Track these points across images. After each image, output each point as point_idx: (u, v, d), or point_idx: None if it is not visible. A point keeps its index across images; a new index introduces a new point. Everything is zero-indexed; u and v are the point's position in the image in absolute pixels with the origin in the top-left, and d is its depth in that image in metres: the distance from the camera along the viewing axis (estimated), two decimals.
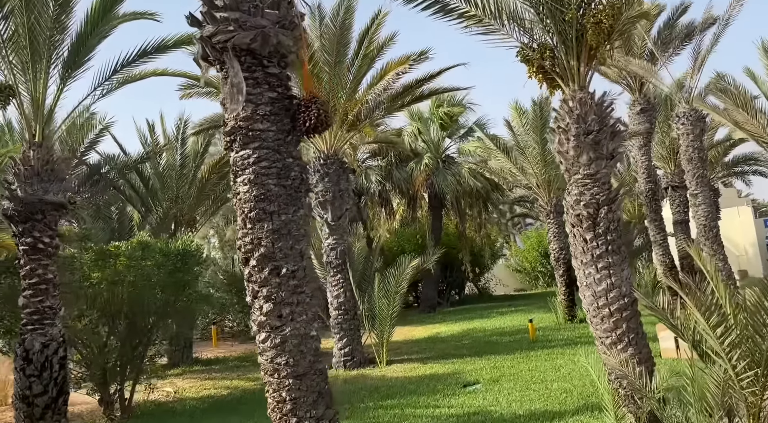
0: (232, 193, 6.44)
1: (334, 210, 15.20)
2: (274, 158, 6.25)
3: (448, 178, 25.40)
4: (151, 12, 11.36)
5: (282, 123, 6.36)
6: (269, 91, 6.30)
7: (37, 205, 9.35)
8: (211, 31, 6.16)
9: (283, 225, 6.20)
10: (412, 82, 15.90)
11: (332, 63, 15.09)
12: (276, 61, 6.37)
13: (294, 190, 6.33)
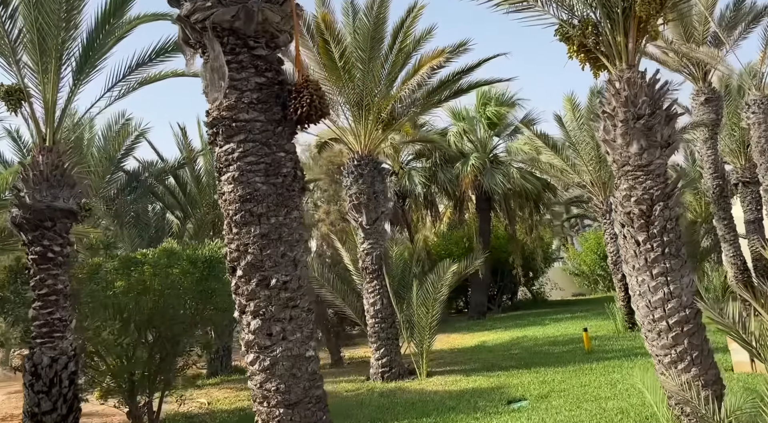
0: (217, 194, 5.65)
1: (368, 213, 14.31)
2: (261, 152, 5.41)
3: (496, 178, 24.11)
4: (171, 14, 10.83)
5: (271, 112, 5.51)
6: (256, 76, 5.46)
7: (46, 212, 8.87)
8: (189, 9, 5.39)
9: (272, 229, 5.34)
10: (450, 76, 14.83)
11: (365, 59, 14.23)
12: (264, 41, 5.53)
13: (286, 188, 5.46)
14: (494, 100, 24.99)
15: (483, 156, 24.79)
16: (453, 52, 14.88)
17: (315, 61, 14.18)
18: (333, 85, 14.27)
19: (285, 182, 5.44)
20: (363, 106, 14.40)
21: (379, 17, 14.36)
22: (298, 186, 5.55)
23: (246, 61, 5.40)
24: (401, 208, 24.72)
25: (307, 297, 5.43)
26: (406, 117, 15.34)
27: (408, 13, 14.14)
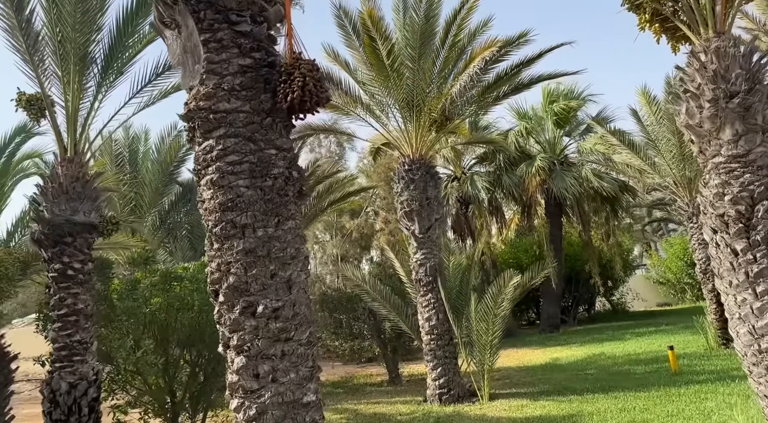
0: (197, 201, 4.64)
1: (421, 221, 13.09)
2: (246, 149, 4.36)
3: (567, 180, 22.23)
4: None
5: (258, 100, 4.46)
6: (239, 57, 4.44)
7: (65, 226, 8.24)
8: None
9: (259, 243, 4.27)
10: (507, 70, 13.40)
11: (415, 57, 13.06)
12: (249, 14, 4.50)
13: (277, 193, 4.38)
14: (562, 96, 23.16)
15: (551, 157, 23.00)
16: (512, 45, 13.45)
17: (362, 61, 13.19)
18: (381, 85, 13.21)
19: (276, 185, 4.37)
20: (414, 107, 13.23)
21: (430, 11, 13.18)
22: (293, 190, 4.47)
23: (227, 40, 4.39)
24: (464, 215, 23.28)
25: (306, 327, 4.32)
26: (461, 117, 14.03)
27: (462, 4, 12.86)
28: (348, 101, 13.34)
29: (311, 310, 4.33)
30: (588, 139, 23.77)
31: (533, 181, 22.26)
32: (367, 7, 12.27)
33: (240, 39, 4.42)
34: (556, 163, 22.96)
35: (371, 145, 16.85)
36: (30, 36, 8.19)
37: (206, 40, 4.36)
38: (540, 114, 23.83)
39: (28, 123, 10.60)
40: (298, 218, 4.53)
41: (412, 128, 13.32)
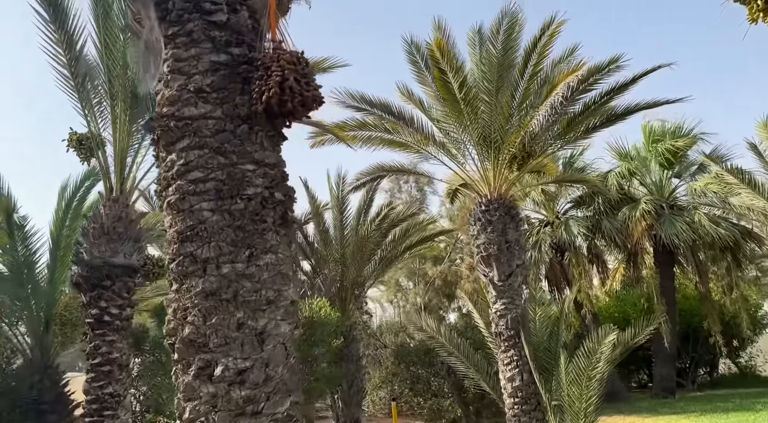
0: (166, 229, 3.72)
1: (500, 267, 11.58)
2: (213, 164, 3.41)
3: (677, 226, 19.64)
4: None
5: (232, 104, 3.53)
6: (212, 53, 3.55)
7: (104, 269, 7.73)
8: None
9: (224, 283, 3.25)
10: (596, 98, 11.85)
11: (492, 90, 11.91)
12: (226, 2, 3.65)
13: (250, 218, 3.37)
14: (668, 135, 20.88)
15: (658, 200, 20.57)
16: (601, 72, 11.94)
17: (434, 97, 12.22)
18: (455, 121, 12.11)
19: (249, 209, 3.37)
20: (491, 143, 11.99)
21: (509, 42, 12.06)
22: (273, 215, 3.44)
23: (198, 32, 3.54)
24: (560, 263, 21.19)
25: (283, 397, 3.19)
26: (545, 153, 12.56)
27: (542, 32, 11.63)
28: (419, 139, 12.35)
29: (293, 374, 3.21)
30: (700, 179, 21.16)
31: (638, 226, 19.89)
32: (435, 36, 11.37)
33: (214, 31, 3.56)
34: (665, 207, 20.47)
35: (448, 187, 15.68)
36: (79, 74, 7.97)
37: (174, 34, 3.55)
38: (643, 154, 21.58)
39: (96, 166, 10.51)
40: (281, 252, 3.49)
41: (489, 166, 12.04)
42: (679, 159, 21.41)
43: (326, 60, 9.53)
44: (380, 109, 12.02)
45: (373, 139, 12.36)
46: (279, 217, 3.47)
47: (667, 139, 21.17)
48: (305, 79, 3.40)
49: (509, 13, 11.94)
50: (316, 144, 12.14)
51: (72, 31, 7.67)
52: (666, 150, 20.73)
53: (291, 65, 3.37)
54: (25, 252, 10.53)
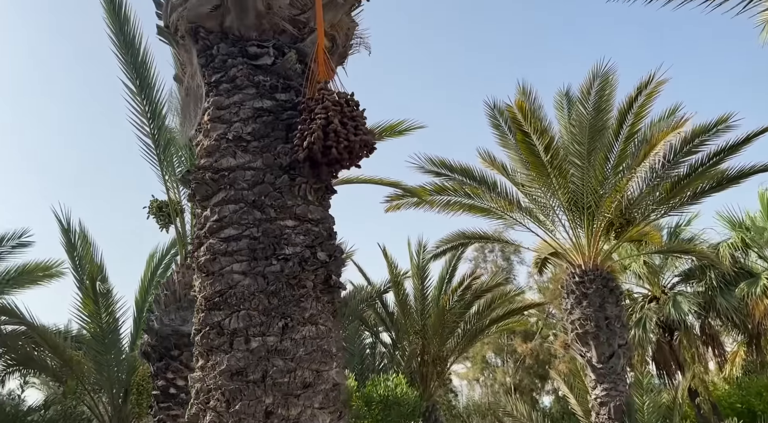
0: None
1: (599, 346, 10.36)
2: (248, 220, 2.97)
3: None
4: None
5: (273, 153, 3.12)
6: (256, 99, 3.20)
7: (172, 338, 7.46)
8: (167, 11, 3.51)
9: (252, 360, 2.72)
10: (703, 160, 10.71)
11: (584, 153, 11.13)
12: (272, 44, 3.32)
13: (286, 283, 2.87)
14: None
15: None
16: (708, 132, 10.91)
17: (517, 160, 11.59)
18: (542, 185, 11.37)
19: (286, 272, 2.87)
20: (584, 209, 11.08)
21: (601, 102, 11.36)
22: (314, 279, 2.92)
23: (241, 78, 3.21)
24: (668, 343, 19.02)
25: None
26: (646, 219, 11.42)
27: (638, 91, 10.85)
28: (503, 205, 11.63)
29: None
30: None
31: (760, 304, 17.58)
32: (518, 100, 10.87)
33: (258, 75, 3.23)
34: None
35: (536, 256, 14.64)
36: (161, 143, 8.11)
37: (217, 81, 3.25)
38: (760, 223, 19.44)
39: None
40: (323, 323, 2.93)
41: (582, 233, 11.08)
42: None
43: (402, 123, 9.26)
44: (461, 174, 11.52)
45: (453, 205, 11.80)
46: (321, 282, 2.95)
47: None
48: (353, 123, 2.95)
49: (600, 74, 11.30)
50: (391, 208, 11.73)
51: (156, 101, 7.87)
52: None
53: (336, 107, 2.94)
54: (109, 319, 10.62)
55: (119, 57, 7.41)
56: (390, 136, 9.75)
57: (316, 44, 3.20)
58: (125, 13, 7.14)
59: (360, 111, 3.06)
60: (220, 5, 3.22)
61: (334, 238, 3.19)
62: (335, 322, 3.06)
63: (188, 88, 3.39)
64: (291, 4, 3.29)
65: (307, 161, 3.02)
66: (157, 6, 3.59)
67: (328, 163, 3.03)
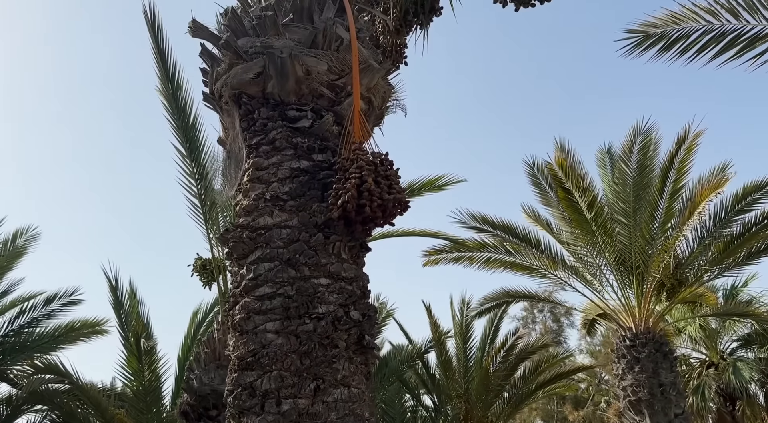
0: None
1: (654, 416, 9.75)
2: (283, 278, 2.98)
3: None
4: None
5: (309, 212, 3.15)
6: (293, 160, 3.27)
7: (211, 397, 7.41)
8: (212, 79, 3.67)
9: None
10: (757, 219, 10.27)
11: (629, 211, 10.90)
12: (310, 108, 3.42)
13: (320, 342, 2.83)
14: None
15: None
16: (761, 190, 10.57)
17: (559, 217, 11.41)
18: (588, 243, 11.12)
19: (318, 331, 2.83)
20: (633, 269, 10.73)
21: (645, 159, 11.22)
22: (346, 339, 2.87)
23: (280, 140, 3.30)
24: (730, 413, 17.77)
25: None
26: (700, 281, 10.94)
27: (677, 146, 10.68)
28: (547, 263, 11.37)
29: None
30: None
31: None
32: (557, 157, 10.81)
33: (297, 138, 3.31)
34: None
35: (584, 317, 14.13)
36: (207, 203, 8.34)
37: (257, 143, 3.34)
38: None
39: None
40: (356, 385, 2.85)
41: (632, 294, 10.68)
42: None
43: (441, 178, 9.29)
44: (503, 231, 11.36)
45: (493, 261, 11.60)
46: (354, 342, 2.89)
47: None
48: (387, 182, 2.97)
49: (642, 132, 11.21)
50: (429, 263, 11.60)
51: (204, 163, 8.15)
52: None
53: (371, 167, 2.98)
54: (151, 377, 10.66)
55: (171, 122, 7.77)
56: (430, 191, 9.77)
57: (352, 107, 3.28)
58: (178, 81, 7.54)
59: (394, 170, 3.09)
60: (262, 72, 3.36)
61: (368, 297, 3.16)
62: (368, 384, 2.98)
63: (230, 151, 3.50)
64: (329, 70, 3.41)
65: (341, 220, 3.04)
66: (204, 74, 3.77)
67: (362, 222, 3.04)
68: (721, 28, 4.64)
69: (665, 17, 5.02)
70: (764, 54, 4.55)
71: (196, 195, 8.38)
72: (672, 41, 4.98)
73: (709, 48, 4.79)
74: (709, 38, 4.74)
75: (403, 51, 4.71)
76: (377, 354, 3.05)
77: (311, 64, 3.35)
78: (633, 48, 5.28)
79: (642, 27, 5.17)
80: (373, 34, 4.40)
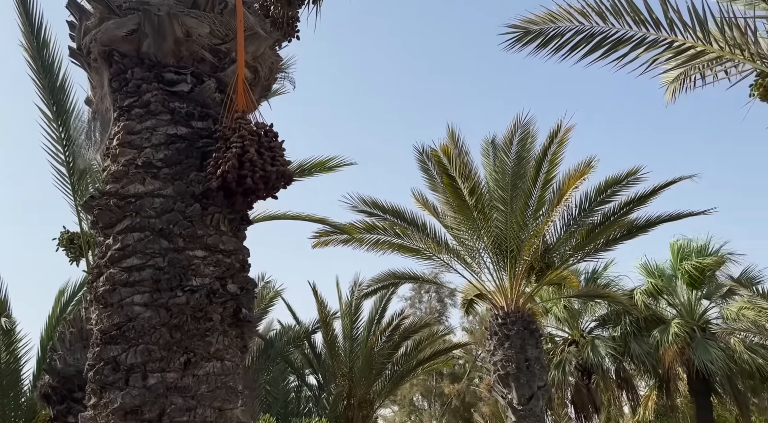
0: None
1: (519, 388, 10.48)
2: (153, 249, 2.83)
3: (712, 352, 18.07)
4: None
5: (186, 181, 3.02)
6: (170, 126, 3.10)
7: (76, 378, 6.93)
8: (80, 33, 3.38)
9: (149, 398, 2.54)
10: (615, 209, 11.30)
11: (507, 199, 11.53)
12: (189, 72, 3.26)
13: (192, 316, 2.73)
14: (694, 253, 19.96)
15: (689, 323, 19.23)
16: (620, 184, 11.55)
17: (444, 203, 11.83)
18: (468, 228, 11.63)
19: (191, 304, 2.73)
20: (507, 252, 11.38)
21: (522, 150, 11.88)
22: (222, 312, 2.80)
23: (156, 104, 3.11)
24: (586, 386, 19.52)
25: None
26: (564, 264, 11.85)
27: (551, 139, 11.42)
28: (432, 246, 11.77)
29: None
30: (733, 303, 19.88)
31: (669, 350, 18.41)
32: (442, 144, 11.19)
33: (174, 102, 3.14)
34: (696, 330, 19.08)
35: (463, 297, 14.83)
36: (76, 171, 7.73)
37: (129, 106, 3.13)
38: (670, 272, 20.55)
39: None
40: (230, 359, 2.79)
41: (505, 276, 11.34)
42: (707, 279, 20.32)
43: (332, 159, 9.26)
44: (392, 215, 11.62)
45: (382, 243, 11.85)
46: (230, 315, 2.82)
47: (694, 257, 20.26)
48: (270, 153, 2.90)
49: (522, 125, 11.84)
50: (319, 244, 11.61)
51: (73, 127, 7.54)
52: (693, 268, 19.74)
53: (254, 137, 2.89)
54: (9, 358, 9.80)
55: (36, 81, 7.08)
56: (320, 172, 9.71)
57: (236, 74, 3.16)
58: (45, 37, 6.87)
59: (279, 142, 3.02)
60: (137, 29, 3.13)
61: (247, 271, 3.08)
62: (243, 357, 2.93)
63: (97, 112, 3.24)
64: (212, 33, 3.24)
65: (221, 190, 2.93)
66: (71, 28, 3.44)
67: (244, 193, 2.95)
68: (591, 29, 4.99)
69: (544, 15, 5.32)
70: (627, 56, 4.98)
71: (63, 162, 7.76)
72: (548, 39, 5.28)
73: (580, 47, 5.15)
74: (581, 38, 5.09)
75: (295, 24, 4.60)
76: (254, 327, 2.99)
77: (192, 25, 3.17)
78: (514, 43, 5.54)
79: (522, 23, 5.43)
80: (264, 2, 4.26)
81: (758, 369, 18.41)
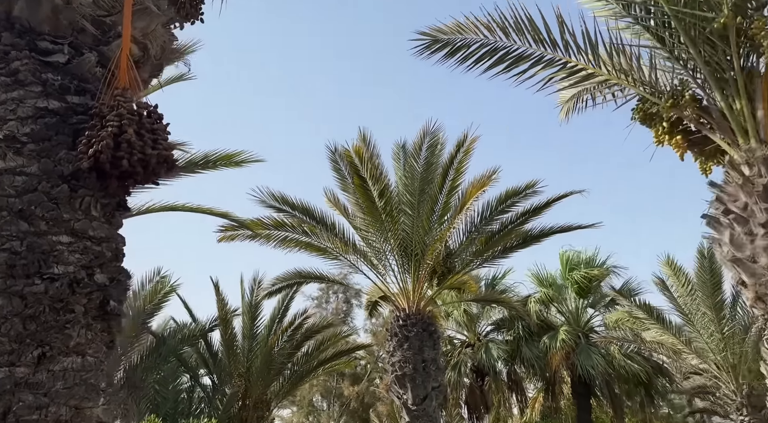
0: None
1: (415, 388, 10.59)
2: (9, 232, 2.55)
3: (593, 358, 19.25)
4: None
5: (54, 158, 2.76)
6: (40, 98, 2.82)
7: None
8: None
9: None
10: (512, 219, 11.75)
11: (414, 203, 11.65)
12: (67, 42, 2.99)
13: (51, 306, 2.48)
14: (583, 264, 21.17)
15: (575, 330, 20.36)
16: (518, 195, 11.99)
17: (354, 204, 11.80)
18: (376, 230, 11.65)
19: (51, 293, 2.49)
20: (411, 255, 11.50)
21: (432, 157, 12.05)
22: (86, 304, 2.57)
23: (25, 73, 2.83)
24: (480, 388, 20.17)
25: None
26: (465, 269, 12.15)
27: (457, 148, 11.68)
28: (339, 246, 11.68)
29: None
30: (614, 313, 21.28)
31: (557, 355, 19.41)
32: (355, 145, 11.17)
33: (47, 73, 2.86)
34: (581, 337, 20.23)
35: (368, 299, 14.87)
36: None
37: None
38: (560, 282, 21.68)
39: None
40: (92, 354, 2.56)
41: (409, 279, 11.46)
42: (594, 289, 21.59)
43: (240, 154, 8.94)
44: (301, 212, 11.41)
45: (290, 241, 11.61)
46: (96, 307, 2.59)
47: (582, 267, 21.44)
48: (152, 136, 2.70)
49: (431, 132, 12.02)
50: (224, 239, 11.20)
51: None
52: (582, 278, 20.89)
53: (133, 116, 2.68)
54: None
55: None
56: (227, 166, 9.34)
57: (121, 49, 2.93)
58: None
59: (163, 125, 2.82)
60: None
61: (121, 260, 2.85)
62: (109, 353, 2.70)
63: None
64: (95, 3, 2.99)
65: (93, 172, 2.68)
66: None
67: (120, 177, 2.72)
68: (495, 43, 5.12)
69: (453, 26, 5.39)
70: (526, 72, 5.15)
71: None
72: (455, 49, 5.36)
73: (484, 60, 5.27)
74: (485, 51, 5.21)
75: (200, 6, 4.37)
76: (122, 321, 2.77)
77: None
78: (423, 50, 5.59)
79: (432, 31, 5.48)
80: None
81: (633, 375, 19.77)
